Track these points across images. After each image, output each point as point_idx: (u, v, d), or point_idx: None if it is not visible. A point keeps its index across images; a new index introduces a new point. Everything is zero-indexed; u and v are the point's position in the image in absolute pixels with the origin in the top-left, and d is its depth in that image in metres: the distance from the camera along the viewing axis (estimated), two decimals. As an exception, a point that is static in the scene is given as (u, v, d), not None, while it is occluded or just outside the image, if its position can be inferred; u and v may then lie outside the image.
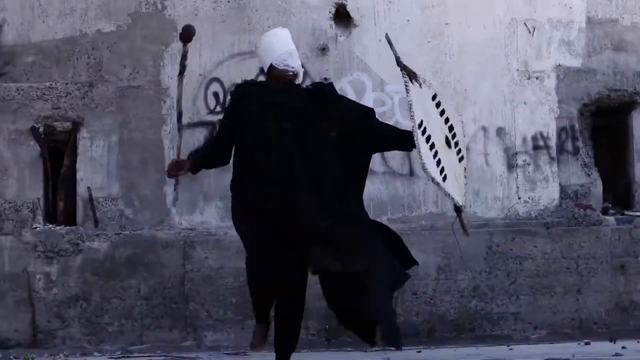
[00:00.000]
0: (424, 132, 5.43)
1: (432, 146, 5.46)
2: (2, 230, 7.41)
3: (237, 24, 7.62)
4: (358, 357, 6.71)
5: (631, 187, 7.96)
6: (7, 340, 7.32)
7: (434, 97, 5.73)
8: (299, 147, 5.48)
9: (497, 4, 7.80)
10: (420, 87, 5.66)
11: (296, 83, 5.72)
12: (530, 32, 7.81)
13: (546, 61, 7.83)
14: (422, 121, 5.44)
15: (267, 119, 5.53)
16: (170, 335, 7.42)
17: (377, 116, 5.86)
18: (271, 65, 5.66)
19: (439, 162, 5.48)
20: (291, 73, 5.66)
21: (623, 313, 7.66)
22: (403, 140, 5.59)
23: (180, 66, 5.93)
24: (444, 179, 5.49)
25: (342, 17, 7.71)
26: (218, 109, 7.53)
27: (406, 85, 5.55)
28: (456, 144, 5.72)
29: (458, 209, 5.61)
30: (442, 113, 5.72)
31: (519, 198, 7.75)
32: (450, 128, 5.72)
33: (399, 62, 5.63)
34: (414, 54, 7.68)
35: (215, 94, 7.59)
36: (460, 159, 5.75)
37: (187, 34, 5.85)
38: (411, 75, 5.61)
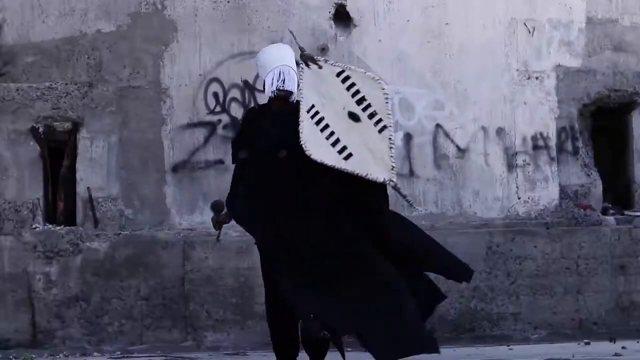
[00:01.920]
0: (314, 115, 5.23)
1: (325, 127, 5.22)
2: (2, 230, 7.40)
3: (237, 24, 7.62)
4: (358, 357, 6.69)
5: (631, 187, 7.97)
6: (7, 340, 7.32)
7: (339, 74, 5.45)
8: (296, 176, 5.23)
9: (497, 4, 7.80)
10: (320, 68, 5.43)
11: (293, 102, 5.39)
12: (530, 32, 7.81)
13: (546, 61, 7.83)
14: (313, 105, 5.25)
15: (264, 151, 5.27)
16: (170, 335, 7.42)
17: None
18: (264, 84, 5.47)
19: (336, 142, 5.19)
20: (282, 94, 5.36)
21: (623, 313, 7.66)
22: None
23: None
24: (347, 157, 5.16)
25: (342, 17, 7.70)
26: (218, 109, 7.53)
27: (301, 73, 5.36)
28: (372, 115, 5.33)
29: (394, 187, 5.23)
30: (350, 87, 5.40)
31: (519, 198, 7.75)
32: (360, 101, 5.36)
33: (302, 52, 5.44)
34: (414, 54, 7.70)
35: (215, 94, 7.58)
36: (381, 130, 5.31)
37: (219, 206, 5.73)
38: (309, 60, 5.40)
